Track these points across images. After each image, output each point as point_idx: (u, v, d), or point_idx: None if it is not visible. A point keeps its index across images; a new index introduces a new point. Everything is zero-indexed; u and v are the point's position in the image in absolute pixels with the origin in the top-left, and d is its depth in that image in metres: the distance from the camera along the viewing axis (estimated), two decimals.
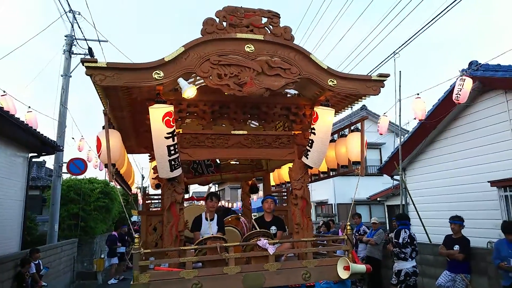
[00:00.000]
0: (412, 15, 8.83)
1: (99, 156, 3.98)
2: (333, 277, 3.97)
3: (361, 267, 3.91)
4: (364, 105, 19.92)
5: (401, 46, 8.41)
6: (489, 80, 6.69)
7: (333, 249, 4.63)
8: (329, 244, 4.74)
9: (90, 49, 11.92)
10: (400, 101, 8.34)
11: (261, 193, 8.13)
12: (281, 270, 3.88)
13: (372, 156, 19.18)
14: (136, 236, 3.52)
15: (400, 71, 7.13)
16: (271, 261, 3.89)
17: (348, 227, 4.21)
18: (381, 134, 9.45)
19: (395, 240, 6.04)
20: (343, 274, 3.88)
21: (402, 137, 9.39)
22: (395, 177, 11.21)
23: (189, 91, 3.77)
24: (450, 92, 7.67)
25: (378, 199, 16.11)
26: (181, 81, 3.77)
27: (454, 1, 6.59)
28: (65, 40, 11.73)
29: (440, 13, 6.99)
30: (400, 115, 8.57)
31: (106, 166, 3.90)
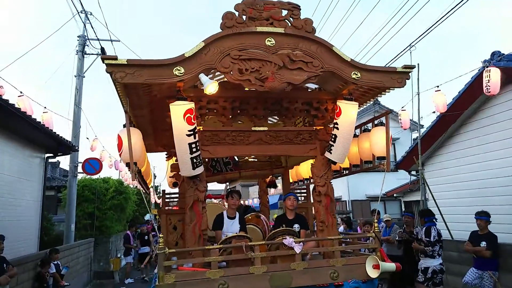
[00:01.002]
0: (428, 7, 8.62)
1: (120, 154, 3.93)
2: (362, 276, 3.86)
3: (391, 265, 3.79)
4: (377, 100, 19.65)
5: (417, 39, 8.22)
6: None
7: (360, 247, 4.51)
8: (356, 242, 4.61)
9: (102, 49, 11.94)
10: (418, 94, 8.15)
11: (273, 190, 8.02)
12: (308, 269, 3.79)
13: None
14: (160, 236, 3.45)
15: (418, 64, 6.93)
16: (297, 260, 3.80)
17: (376, 225, 4.08)
18: (404, 129, 9.27)
19: (427, 239, 5.84)
20: (373, 273, 3.78)
21: (421, 131, 9.18)
22: (412, 172, 11.00)
23: (211, 86, 3.69)
24: (471, 83, 7.45)
25: (394, 195, 15.87)
26: (202, 76, 3.69)
27: None
28: (78, 40, 11.77)
29: (456, 5, 6.80)
30: (418, 109, 8.38)
31: (127, 165, 3.84)
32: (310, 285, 3.78)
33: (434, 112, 7.90)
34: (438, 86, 7.08)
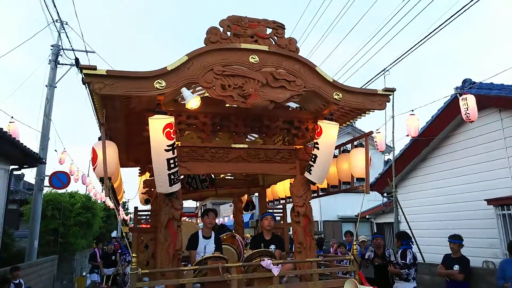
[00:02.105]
0: (403, 33, 8.96)
1: (94, 169, 3.73)
2: None
3: None
4: (351, 122, 20.04)
5: (391, 64, 8.50)
6: (484, 98, 6.75)
7: (339, 269, 4.45)
8: (334, 265, 4.54)
9: (77, 60, 11.57)
10: (393, 117, 8.35)
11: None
12: None
13: None
14: (133, 255, 3.26)
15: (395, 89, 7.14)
16: (275, 283, 3.69)
17: (354, 247, 4.04)
18: (381, 152, 9.41)
19: (403, 261, 5.83)
20: None
21: (394, 154, 9.36)
22: (385, 194, 11.17)
23: (193, 101, 3.60)
24: (444, 109, 7.72)
25: (366, 216, 16.03)
26: (184, 91, 3.60)
27: (445, 22, 6.71)
28: (51, 49, 11.49)
29: (430, 33, 7.11)
30: (393, 132, 8.57)
31: (101, 179, 3.65)
32: None
33: (407, 135, 8.10)
34: (412, 110, 7.29)
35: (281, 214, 6.55)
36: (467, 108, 6.13)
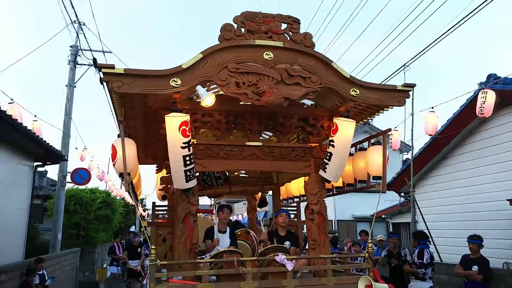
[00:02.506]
0: (424, 28, 8.79)
1: (114, 165, 3.85)
2: None
3: (384, 286, 3.73)
4: (367, 120, 19.78)
5: (412, 59, 8.35)
6: (509, 94, 6.53)
7: (353, 267, 4.44)
8: (348, 262, 4.54)
9: (94, 60, 11.84)
10: (412, 115, 8.20)
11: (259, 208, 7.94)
12: (299, 287, 3.71)
13: None
14: (152, 247, 3.39)
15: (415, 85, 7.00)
16: (289, 278, 3.73)
17: (370, 245, 4.03)
18: (394, 150, 9.27)
19: (420, 261, 5.77)
20: None
21: (413, 152, 9.23)
22: (402, 194, 11.00)
23: (208, 99, 3.67)
24: (466, 106, 7.51)
25: (382, 216, 15.84)
26: (199, 89, 3.67)
27: (468, 15, 6.55)
28: (70, 50, 11.74)
29: (452, 27, 6.94)
30: (412, 130, 8.44)
31: (120, 175, 3.77)
32: None
33: (431, 135, 7.92)
34: (432, 107, 7.15)
35: (295, 212, 6.57)
36: (483, 102, 5.95)
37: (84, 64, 11.89)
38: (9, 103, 7.32)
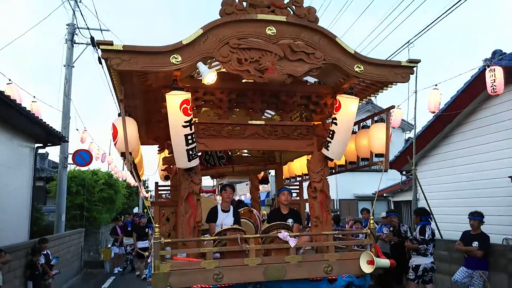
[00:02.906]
0: (427, 4, 8.57)
1: (115, 144, 3.83)
2: (355, 271, 3.84)
3: (386, 262, 3.77)
4: (370, 99, 19.64)
5: (416, 36, 8.19)
6: None
7: (355, 243, 4.48)
8: (350, 238, 4.58)
9: (92, 38, 11.65)
10: (416, 92, 8.11)
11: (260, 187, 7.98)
12: (302, 263, 3.75)
13: None
14: (156, 225, 3.41)
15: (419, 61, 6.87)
16: (292, 254, 3.76)
17: (371, 222, 4.05)
18: (393, 128, 9.20)
19: (421, 237, 5.83)
20: (367, 269, 3.76)
21: (415, 131, 9.18)
22: (404, 172, 11.03)
23: (209, 76, 3.60)
24: (471, 82, 7.41)
25: (384, 195, 15.94)
26: (200, 65, 3.59)
27: None
28: (67, 29, 11.49)
29: (455, 3, 6.78)
30: (415, 108, 8.37)
31: (122, 155, 3.75)
32: (304, 279, 3.76)
33: (433, 112, 7.87)
34: (436, 85, 7.06)
35: (298, 191, 6.59)
36: (494, 80, 5.87)
37: (82, 43, 11.69)
38: (7, 84, 7.24)
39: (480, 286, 5.54)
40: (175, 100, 3.59)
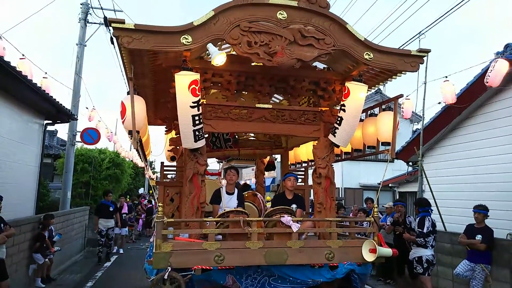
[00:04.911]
0: None
1: (123, 122, 3.86)
2: (357, 258, 3.87)
3: (388, 251, 3.79)
4: (379, 89, 19.45)
5: (428, 27, 8.04)
6: None
7: (358, 231, 4.50)
8: (353, 226, 4.60)
9: (105, 18, 11.64)
10: (425, 83, 8.01)
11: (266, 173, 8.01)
12: (304, 248, 3.78)
13: None
14: (159, 204, 3.44)
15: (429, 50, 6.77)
16: (294, 239, 3.79)
17: (375, 210, 4.06)
18: (406, 119, 9.12)
19: (419, 230, 5.76)
20: (369, 257, 3.78)
21: (423, 121, 9.09)
22: (410, 163, 10.98)
23: (219, 57, 3.59)
24: (481, 76, 7.30)
25: (390, 185, 15.91)
26: (210, 47, 3.59)
27: None
28: (81, 8, 11.51)
29: None
30: (424, 99, 8.28)
31: (129, 132, 3.78)
32: (305, 264, 3.78)
33: (439, 103, 7.79)
34: (446, 77, 6.96)
35: (303, 177, 6.60)
36: (491, 71, 5.79)
37: (95, 23, 11.71)
38: (20, 59, 7.26)
39: (482, 279, 5.52)
40: (184, 80, 3.60)
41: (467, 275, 5.63)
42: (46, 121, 9.04)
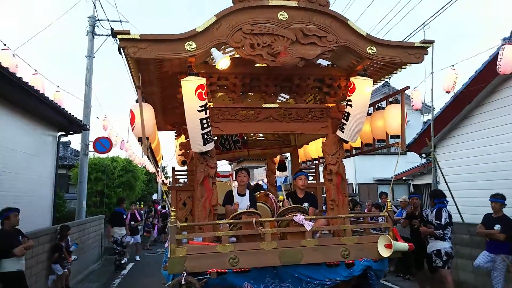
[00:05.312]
0: None
1: (132, 129, 3.92)
2: (373, 255, 3.84)
3: (404, 245, 3.76)
4: (386, 82, 19.23)
5: (432, 17, 7.94)
6: None
7: (373, 226, 4.48)
8: (367, 222, 4.58)
9: (112, 30, 11.79)
10: (432, 74, 7.92)
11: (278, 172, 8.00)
12: (318, 246, 3.78)
13: None
14: (172, 209, 3.49)
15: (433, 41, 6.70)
16: (308, 238, 3.79)
17: (389, 205, 4.04)
18: (416, 110, 9.02)
19: (437, 222, 5.67)
20: (385, 252, 3.75)
21: (433, 112, 8.99)
22: (423, 155, 10.84)
23: (223, 61, 3.63)
24: (489, 62, 7.19)
25: (403, 178, 15.74)
26: (214, 51, 3.63)
27: None
28: (88, 21, 11.74)
29: None
30: (432, 89, 8.18)
31: (139, 139, 3.84)
32: (321, 264, 3.77)
33: (448, 92, 7.69)
34: (453, 65, 6.88)
35: (314, 174, 6.59)
36: (501, 59, 5.69)
37: (102, 35, 11.93)
38: (33, 74, 7.41)
39: (504, 270, 5.41)
40: (190, 86, 3.65)
41: (488, 266, 5.53)
42: (59, 133, 9.23)
